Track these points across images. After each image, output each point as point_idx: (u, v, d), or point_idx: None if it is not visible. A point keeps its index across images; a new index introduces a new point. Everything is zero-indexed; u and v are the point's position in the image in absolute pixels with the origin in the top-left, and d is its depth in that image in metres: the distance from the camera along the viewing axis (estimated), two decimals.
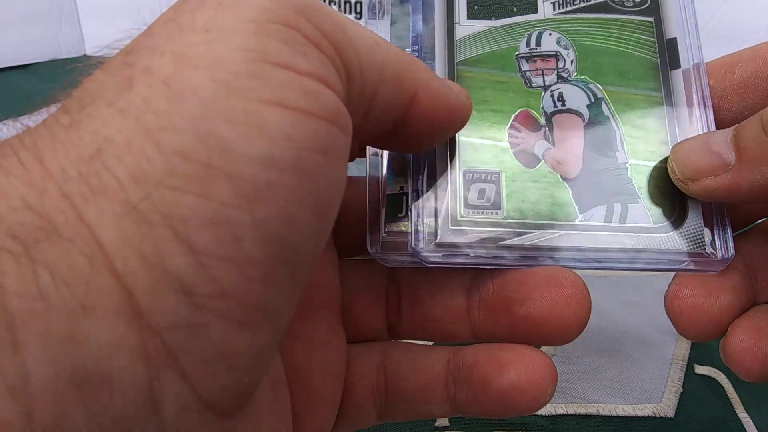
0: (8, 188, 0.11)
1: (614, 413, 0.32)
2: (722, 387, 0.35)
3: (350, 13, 0.70)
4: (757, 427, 0.33)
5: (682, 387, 0.34)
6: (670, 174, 0.19)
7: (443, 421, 0.33)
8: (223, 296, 0.12)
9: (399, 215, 0.20)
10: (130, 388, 0.11)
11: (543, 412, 0.32)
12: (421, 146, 0.19)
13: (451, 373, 0.19)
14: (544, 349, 0.35)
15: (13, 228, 0.11)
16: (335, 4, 0.70)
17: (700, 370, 0.35)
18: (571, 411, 0.32)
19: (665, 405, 0.33)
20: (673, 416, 0.32)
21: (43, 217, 0.11)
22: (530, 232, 0.19)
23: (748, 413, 0.34)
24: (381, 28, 0.22)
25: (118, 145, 0.12)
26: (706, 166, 0.18)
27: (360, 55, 0.15)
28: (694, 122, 0.20)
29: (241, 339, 0.13)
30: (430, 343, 0.22)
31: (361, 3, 0.70)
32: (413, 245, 0.19)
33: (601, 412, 0.32)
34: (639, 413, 0.32)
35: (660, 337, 0.36)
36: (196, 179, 0.12)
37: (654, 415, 0.32)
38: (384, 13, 0.22)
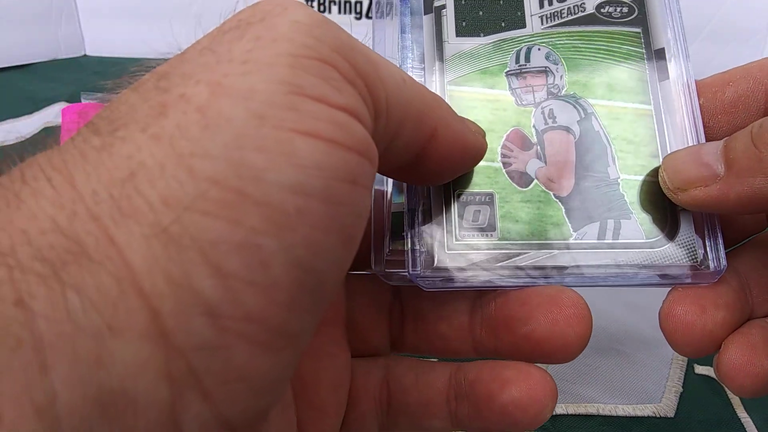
0: (38, 210, 0.12)
1: (614, 413, 0.32)
2: (722, 387, 0.35)
3: (350, 13, 0.70)
4: (757, 428, 0.33)
5: (682, 387, 0.34)
6: (661, 183, 0.19)
7: None
8: (249, 319, 0.12)
9: (403, 233, 0.20)
10: (154, 409, 0.11)
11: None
12: (435, 180, 0.19)
13: (452, 388, 0.20)
14: None
15: (42, 251, 0.11)
16: (335, 3, 0.70)
17: (700, 370, 0.35)
18: (571, 411, 0.32)
19: (665, 405, 0.33)
20: (673, 416, 0.32)
21: (73, 240, 0.11)
22: (525, 253, 0.19)
23: (748, 413, 0.34)
24: (388, 31, 0.22)
25: (151, 170, 0.12)
26: (696, 177, 0.18)
27: (388, 94, 0.15)
28: (684, 134, 0.20)
29: (264, 362, 0.13)
30: (434, 359, 0.22)
31: (361, 3, 0.70)
32: (410, 271, 0.19)
33: (602, 412, 0.32)
34: (639, 413, 0.32)
35: (660, 337, 0.36)
36: (226, 205, 0.12)
37: (654, 415, 0.32)
38: (393, 15, 0.22)
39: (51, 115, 0.58)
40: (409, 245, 0.19)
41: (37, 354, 0.10)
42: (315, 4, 0.70)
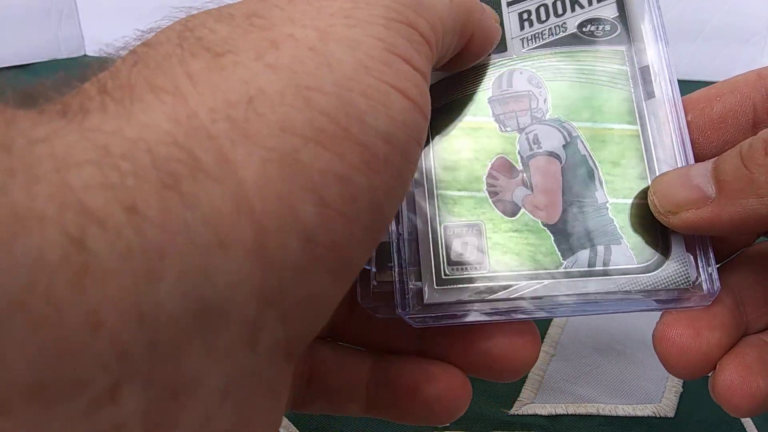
0: (153, 124, 0.12)
1: (614, 413, 0.32)
2: None
3: None
4: (757, 428, 0.34)
5: (682, 387, 0.34)
6: (651, 207, 0.19)
7: None
8: (333, 248, 0.13)
9: (389, 264, 0.19)
10: (240, 325, 0.12)
11: (543, 412, 0.32)
12: (455, 68, 0.20)
13: (374, 376, 0.20)
14: (544, 347, 0.35)
15: (161, 162, 0.11)
16: None
17: None
18: (571, 411, 0.32)
19: (665, 405, 0.33)
20: (673, 416, 0.33)
21: (191, 154, 0.12)
22: (516, 284, 0.19)
23: None
24: None
25: (270, 96, 0.13)
26: (686, 200, 0.18)
27: (445, 29, 0.17)
28: (673, 153, 0.20)
29: (332, 289, 0.14)
30: None
31: None
32: (400, 310, 0.19)
33: (601, 412, 0.32)
34: (639, 413, 0.32)
35: None
36: (335, 139, 0.13)
37: (654, 415, 0.32)
38: None
39: None
40: (397, 281, 0.19)
41: (146, 262, 0.10)
42: None
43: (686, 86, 0.21)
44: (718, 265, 0.19)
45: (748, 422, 0.34)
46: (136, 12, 0.70)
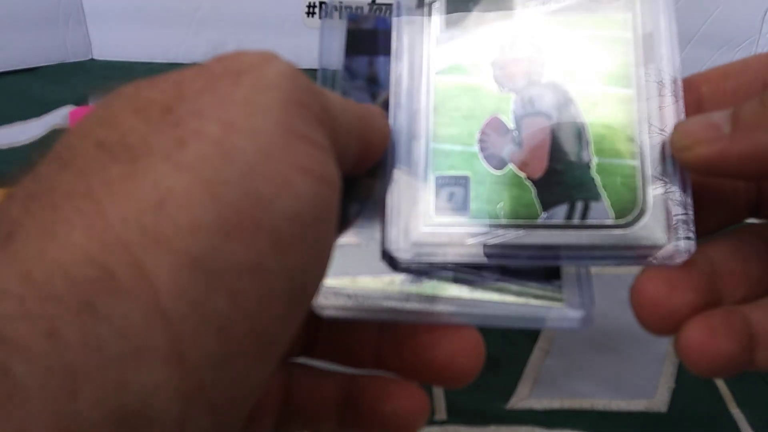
0: (71, 241, 0.13)
1: (608, 408, 0.33)
2: (714, 383, 0.35)
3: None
4: (749, 423, 0.34)
5: (675, 383, 0.34)
6: (671, 147, 0.20)
7: (441, 415, 0.33)
8: (253, 334, 0.14)
9: (340, 269, 0.21)
10: (166, 425, 0.12)
11: (539, 406, 0.33)
12: (357, 171, 0.21)
13: (343, 396, 0.22)
14: (540, 343, 0.36)
15: (76, 282, 0.12)
16: (337, 9, 0.71)
17: None
18: (566, 406, 0.33)
19: (658, 400, 0.34)
20: (666, 411, 0.33)
21: (105, 270, 0.12)
22: (494, 231, 0.20)
23: (740, 409, 0.35)
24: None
25: (179, 197, 0.13)
26: (703, 135, 0.19)
27: (340, 124, 0.18)
28: (665, 117, 0.20)
29: (258, 371, 0.14)
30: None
31: (362, 9, 0.71)
32: (386, 246, 0.20)
33: (596, 407, 0.33)
34: (632, 408, 0.33)
35: None
36: (243, 229, 0.14)
37: (647, 410, 0.33)
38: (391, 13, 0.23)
39: (59, 117, 0.59)
40: (387, 224, 0.21)
41: (65, 380, 0.11)
42: (317, 10, 0.71)
43: None
44: (703, 240, 0.20)
45: (740, 417, 0.34)
46: (143, 16, 0.71)
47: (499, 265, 0.21)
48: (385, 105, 0.26)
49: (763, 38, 0.69)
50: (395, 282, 0.22)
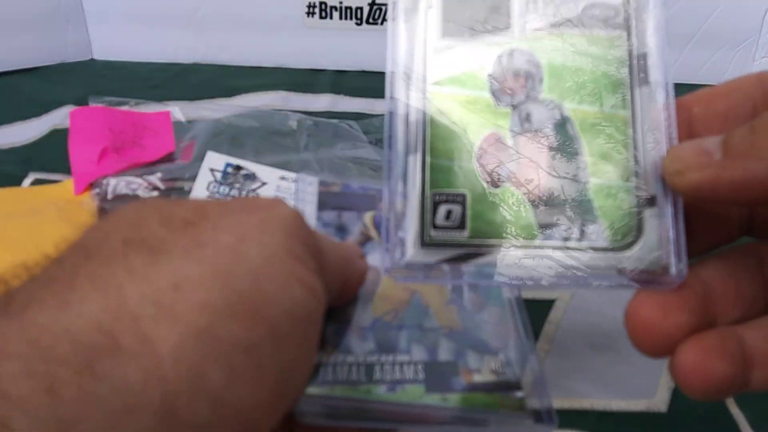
0: (83, 311, 0.14)
1: (608, 408, 0.33)
2: None
3: (351, 19, 0.71)
4: (749, 423, 0.34)
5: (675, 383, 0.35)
6: (662, 171, 0.20)
7: None
8: (240, 408, 0.16)
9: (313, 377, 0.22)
10: None
11: (538, 407, 0.33)
12: (340, 304, 0.25)
13: None
14: (540, 344, 0.36)
15: (80, 346, 0.14)
16: (336, 10, 0.71)
17: None
18: (566, 406, 0.33)
19: (658, 400, 0.34)
20: (666, 411, 0.33)
21: (111, 338, 0.14)
22: (491, 251, 0.20)
23: (740, 409, 0.35)
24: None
25: (194, 281, 0.16)
26: (694, 161, 0.19)
27: (328, 264, 0.21)
28: (659, 140, 0.21)
29: None
30: None
31: (361, 9, 0.71)
32: (386, 266, 0.20)
33: (596, 407, 0.33)
34: (632, 408, 0.33)
35: None
36: (247, 315, 0.16)
37: (647, 410, 0.33)
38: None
39: (59, 117, 0.59)
40: (384, 241, 0.20)
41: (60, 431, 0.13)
42: (317, 11, 0.71)
43: (678, 89, 0.21)
44: (695, 260, 0.20)
45: (740, 418, 0.34)
46: (143, 16, 0.71)
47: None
48: (361, 242, 0.32)
49: (763, 38, 0.69)
50: (371, 391, 0.24)
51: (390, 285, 0.31)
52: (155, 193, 0.46)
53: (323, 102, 0.65)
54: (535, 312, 0.39)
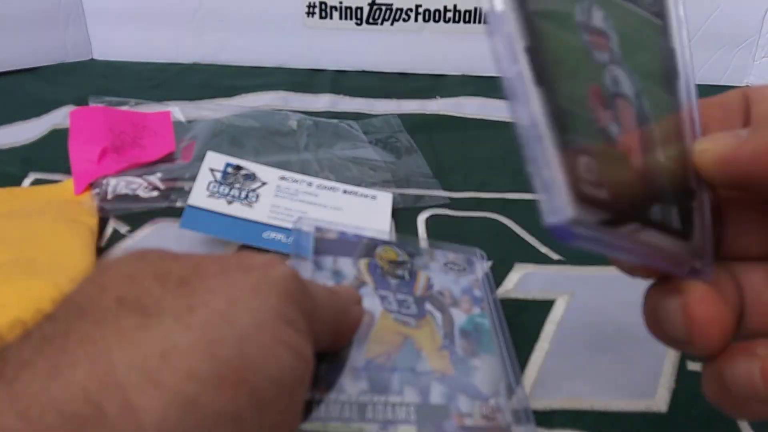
0: (72, 380, 0.15)
1: (608, 408, 0.33)
2: None
3: (351, 19, 0.71)
4: (749, 424, 0.34)
5: (675, 383, 0.35)
6: (693, 155, 0.20)
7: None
8: None
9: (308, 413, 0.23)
10: None
11: (539, 407, 0.33)
12: (334, 349, 0.26)
13: None
14: (539, 345, 0.36)
15: (67, 418, 0.14)
16: (336, 10, 0.71)
17: (692, 366, 0.36)
18: (566, 406, 0.33)
19: (658, 401, 0.34)
20: (666, 411, 0.33)
21: (97, 406, 0.15)
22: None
23: None
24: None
25: (182, 350, 0.16)
26: (722, 137, 0.19)
27: (320, 318, 0.22)
28: (687, 130, 0.20)
29: None
30: None
31: (361, 9, 0.71)
32: (549, 221, 0.16)
33: (596, 407, 0.33)
34: (632, 408, 0.33)
35: None
36: (232, 384, 0.16)
37: (647, 410, 0.33)
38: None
39: (59, 117, 0.59)
40: (540, 196, 0.16)
41: None
42: (317, 11, 0.71)
43: None
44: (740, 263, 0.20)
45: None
46: (143, 16, 0.71)
47: None
48: (356, 287, 0.32)
49: (763, 38, 0.69)
50: (363, 430, 0.24)
51: (383, 328, 0.31)
52: (155, 193, 0.46)
53: (323, 102, 0.65)
54: (535, 312, 0.39)
